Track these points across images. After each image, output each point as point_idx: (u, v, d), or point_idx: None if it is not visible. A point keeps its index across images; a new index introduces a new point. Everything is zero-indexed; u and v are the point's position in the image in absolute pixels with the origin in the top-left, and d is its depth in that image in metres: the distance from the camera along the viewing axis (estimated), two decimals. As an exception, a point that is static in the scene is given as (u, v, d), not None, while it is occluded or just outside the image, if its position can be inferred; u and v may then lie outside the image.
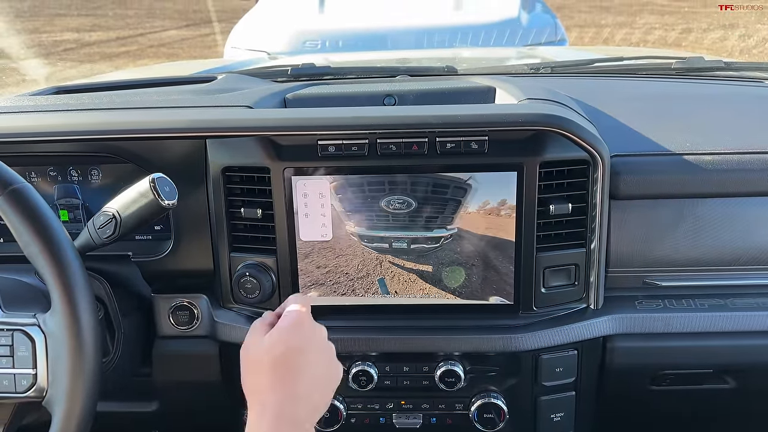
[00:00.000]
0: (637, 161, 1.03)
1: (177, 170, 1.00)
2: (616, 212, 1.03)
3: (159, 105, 1.17)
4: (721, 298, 1.07)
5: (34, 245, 0.77)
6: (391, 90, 1.27)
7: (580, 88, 1.33)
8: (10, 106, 1.19)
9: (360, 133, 0.96)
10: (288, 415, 0.72)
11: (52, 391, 0.80)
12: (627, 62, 1.64)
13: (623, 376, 1.09)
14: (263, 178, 1.00)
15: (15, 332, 0.81)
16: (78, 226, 1.11)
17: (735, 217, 1.04)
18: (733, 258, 1.05)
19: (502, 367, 1.06)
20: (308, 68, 1.53)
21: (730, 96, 1.36)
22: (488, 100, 1.26)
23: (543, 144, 0.96)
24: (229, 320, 1.07)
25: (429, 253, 1.01)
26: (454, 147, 0.95)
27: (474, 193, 0.97)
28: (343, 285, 1.03)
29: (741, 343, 1.05)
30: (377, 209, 0.99)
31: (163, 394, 1.16)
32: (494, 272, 1.01)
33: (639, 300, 1.07)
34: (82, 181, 1.12)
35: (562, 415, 1.09)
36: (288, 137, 0.99)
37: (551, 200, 0.98)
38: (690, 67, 1.48)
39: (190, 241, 1.07)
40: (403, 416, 1.09)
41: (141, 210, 0.89)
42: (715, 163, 1.02)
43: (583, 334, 1.03)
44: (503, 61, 2.03)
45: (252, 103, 1.14)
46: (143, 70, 2.76)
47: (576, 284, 1.03)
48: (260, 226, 1.03)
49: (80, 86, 1.48)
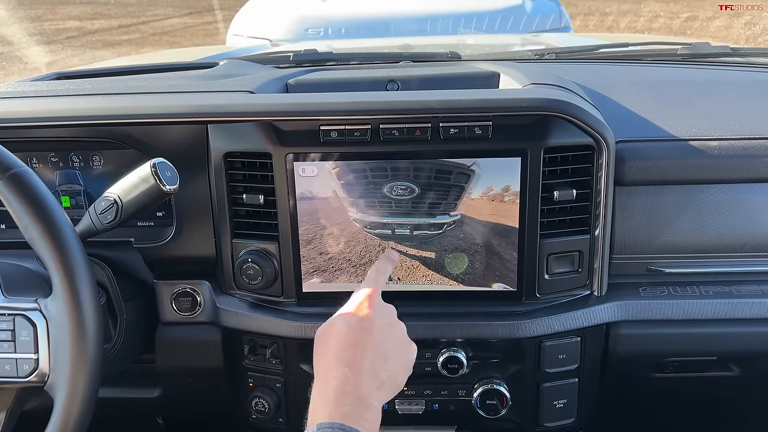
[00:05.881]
0: (643, 147, 1.02)
1: (179, 156, 0.99)
2: (621, 198, 1.03)
3: (160, 90, 1.16)
4: (726, 284, 1.06)
5: (34, 229, 0.77)
6: (394, 75, 1.26)
7: (585, 74, 1.32)
8: (11, 92, 1.18)
9: (362, 119, 0.95)
10: (351, 391, 0.71)
11: (54, 376, 0.80)
12: (632, 48, 1.62)
13: (627, 363, 1.09)
14: (265, 163, 0.99)
15: (16, 317, 0.81)
16: (80, 212, 1.10)
17: (740, 203, 1.04)
18: (739, 244, 1.05)
19: (505, 353, 1.06)
20: (310, 54, 1.52)
21: (736, 82, 1.35)
22: (492, 86, 1.25)
23: (547, 129, 0.95)
24: (232, 306, 1.06)
25: (432, 240, 1.00)
26: (458, 132, 0.94)
27: (477, 179, 0.96)
28: (345, 271, 1.02)
29: (746, 330, 1.04)
30: (380, 195, 0.98)
31: (165, 380, 1.16)
32: (497, 259, 1.00)
33: (643, 287, 1.06)
34: (83, 167, 1.11)
35: (564, 401, 1.09)
36: (290, 123, 0.98)
37: (555, 186, 0.98)
38: (696, 52, 1.46)
39: (192, 227, 1.06)
40: (406, 402, 1.09)
41: (142, 195, 0.89)
42: (721, 149, 1.01)
43: (587, 321, 1.03)
44: (507, 48, 2.01)
45: (254, 89, 1.13)
46: (145, 57, 2.75)
47: (580, 271, 1.03)
48: (262, 212, 1.02)
49: (81, 72, 1.47)
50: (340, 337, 0.76)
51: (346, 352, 0.75)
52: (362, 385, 0.72)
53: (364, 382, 0.72)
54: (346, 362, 0.73)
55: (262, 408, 1.11)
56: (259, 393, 1.11)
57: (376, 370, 0.75)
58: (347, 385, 0.71)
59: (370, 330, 0.77)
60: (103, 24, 10.66)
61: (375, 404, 0.72)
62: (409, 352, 0.83)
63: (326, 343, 0.78)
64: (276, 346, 1.08)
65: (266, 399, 1.11)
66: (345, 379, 0.72)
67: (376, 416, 0.71)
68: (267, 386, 1.11)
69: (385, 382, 0.76)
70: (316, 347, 0.80)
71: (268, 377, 1.11)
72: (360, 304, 0.81)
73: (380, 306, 0.82)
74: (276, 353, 1.08)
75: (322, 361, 0.76)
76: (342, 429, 0.66)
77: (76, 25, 10.44)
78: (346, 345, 0.75)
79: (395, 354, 0.79)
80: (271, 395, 1.11)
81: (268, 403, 1.11)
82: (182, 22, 10.71)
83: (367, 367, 0.74)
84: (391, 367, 0.77)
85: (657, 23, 8.46)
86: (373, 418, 0.70)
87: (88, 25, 10.55)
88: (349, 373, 0.72)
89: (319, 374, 0.75)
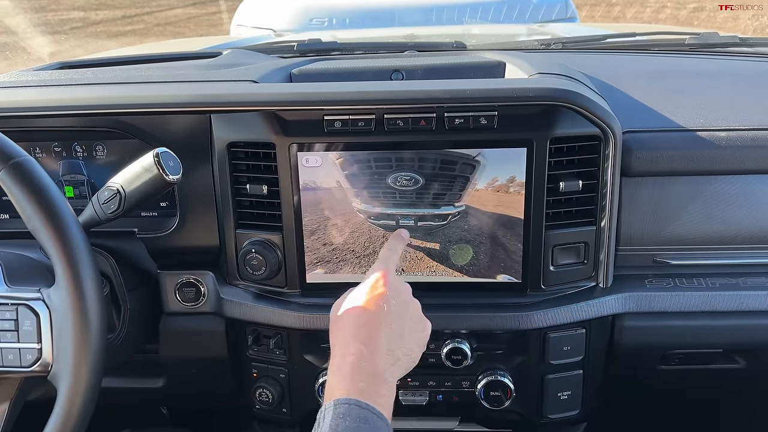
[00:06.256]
0: (650, 137, 1.01)
1: (182, 146, 0.99)
2: (628, 189, 1.02)
3: (163, 80, 1.16)
4: (733, 277, 1.05)
5: (36, 219, 0.76)
6: (398, 65, 1.25)
7: (592, 63, 1.31)
8: (14, 81, 1.18)
9: (367, 109, 0.94)
10: (367, 367, 0.72)
11: (57, 366, 0.80)
12: (640, 38, 1.60)
13: (632, 355, 1.08)
14: (269, 153, 0.99)
15: (19, 307, 0.81)
16: (83, 203, 1.10)
17: (749, 194, 1.02)
18: (746, 236, 1.04)
19: (509, 345, 1.05)
20: (314, 44, 1.51)
21: (745, 72, 1.33)
22: (498, 76, 1.24)
23: (554, 119, 0.94)
24: (236, 297, 1.06)
25: (436, 231, 0.99)
26: (463, 122, 0.93)
27: (482, 170, 0.96)
28: (349, 262, 1.02)
29: (752, 322, 1.03)
30: (384, 186, 0.97)
31: (169, 370, 1.16)
32: (502, 250, 0.99)
33: (649, 278, 1.05)
34: (87, 157, 1.11)
35: (569, 393, 1.08)
36: (293, 112, 0.97)
37: (561, 177, 0.97)
38: (704, 42, 1.45)
39: (196, 218, 1.06)
40: (409, 393, 1.09)
41: (145, 185, 0.89)
42: (729, 140, 1.00)
43: (592, 312, 1.02)
44: (513, 37, 2.00)
45: (257, 78, 1.12)
46: (148, 47, 2.74)
47: (585, 262, 1.02)
48: (266, 202, 1.02)
49: (84, 62, 1.47)
50: (355, 315, 0.78)
51: (362, 329, 0.76)
52: (378, 361, 0.73)
53: (379, 358, 0.74)
54: (361, 339, 0.74)
55: (265, 398, 1.11)
56: (262, 383, 1.11)
57: (392, 347, 0.76)
58: (362, 361, 0.72)
59: (385, 307, 0.78)
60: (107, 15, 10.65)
61: (390, 380, 0.74)
62: (424, 330, 0.83)
63: (342, 319, 0.79)
64: (280, 336, 1.07)
65: (270, 389, 1.11)
66: (360, 356, 0.73)
67: (391, 391, 0.73)
68: (271, 377, 1.11)
69: (400, 358, 0.77)
70: (332, 324, 0.81)
71: (272, 368, 1.11)
72: (375, 281, 0.81)
73: (395, 283, 0.83)
74: (280, 344, 1.08)
75: (339, 338, 0.77)
76: (358, 405, 0.67)
77: (80, 16, 10.43)
78: (362, 322, 0.76)
79: (410, 331, 0.80)
80: (274, 385, 1.11)
81: (271, 393, 1.11)
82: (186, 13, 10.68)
83: (383, 345, 0.75)
84: (407, 344, 0.78)
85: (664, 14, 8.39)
86: (388, 393, 0.72)
87: (92, 15, 10.54)
88: (364, 349, 0.73)
89: (336, 352, 0.76)
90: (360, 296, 0.80)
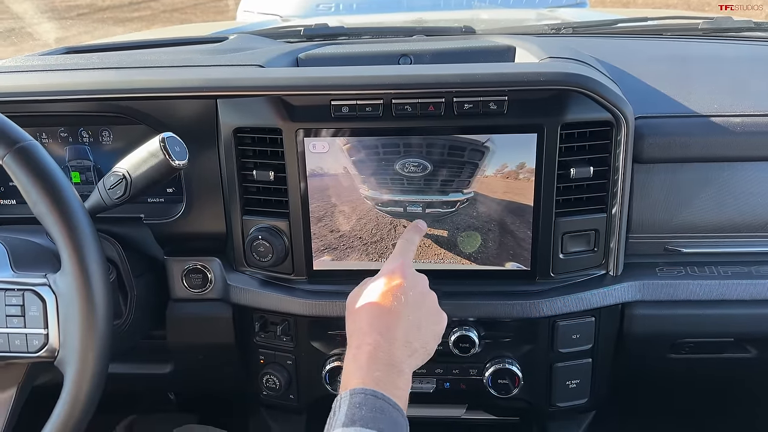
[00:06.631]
0: (663, 123, 0.99)
1: (188, 131, 0.98)
2: (639, 176, 1.00)
3: (169, 64, 1.14)
4: (745, 265, 1.04)
5: (42, 204, 0.76)
6: (406, 49, 1.23)
7: (604, 48, 1.28)
8: (20, 65, 1.17)
9: (374, 93, 0.93)
10: (383, 357, 0.72)
11: (64, 352, 0.79)
12: (652, 23, 1.57)
13: (642, 344, 1.08)
14: (275, 139, 0.98)
15: (26, 292, 0.81)
16: (90, 188, 1.09)
17: (763, 181, 1.01)
18: (760, 224, 1.02)
19: (518, 333, 1.04)
20: (321, 28, 1.49)
21: (759, 57, 1.31)
22: (507, 60, 1.22)
23: (565, 104, 0.93)
24: (242, 283, 1.06)
25: (444, 218, 0.98)
26: (472, 107, 0.92)
27: (492, 156, 0.94)
28: (356, 249, 1.01)
29: (765, 311, 1.02)
30: (392, 172, 0.96)
31: (177, 356, 1.16)
32: (511, 237, 0.98)
33: (660, 266, 1.04)
34: (93, 142, 1.10)
35: (577, 381, 1.07)
36: (300, 97, 0.96)
37: (572, 163, 0.95)
38: (718, 27, 1.42)
39: (202, 204, 1.05)
40: (417, 381, 1.08)
41: (151, 170, 0.88)
42: (744, 126, 0.98)
43: (602, 301, 1.01)
44: (522, 22, 1.96)
45: (264, 63, 1.11)
46: (154, 33, 2.73)
47: (595, 250, 1.01)
48: (273, 188, 1.01)
49: (90, 47, 1.46)
50: (373, 305, 0.77)
51: (380, 320, 0.75)
52: (395, 352, 0.73)
53: (396, 349, 0.73)
54: (378, 330, 0.74)
55: (272, 385, 1.11)
56: (269, 370, 1.11)
57: (409, 339, 0.76)
58: (379, 351, 0.72)
59: (402, 298, 0.77)
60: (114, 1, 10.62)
61: (406, 371, 0.73)
62: (440, 322, 0.83)
63: (359, 310, 0.78)
64: (287, 323, 1.07)
65: (277, 376, 1.10)
66: (377, 346, 0.73)
67: (407, 382, 0.73)
68: (278, 363, 1.11)
69: (417, 350, 0.77)
70: (348, 315, 0.81)
71: (279, 354, 1.10)
72: (392, 272, 0.81)
73: (412, 275, 0.82)
74: (287, 330, 1.08)
75: (355, 329, 0.77)
76: (374, 395, 0.67)
77: (87, 2, 10.40)
78: (380, 313, 0.76)
79: (427, 323, 0.80)
80: (281, 372, 1.11)
81: (278, 379, 1.10)
82: (193, -1, 10.64)
83: (400, 336, 0.75)
84: (423, 336, 0.78)
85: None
86: (405, 384, 0.72)
87: (98, 2, 10.51)
88: (381, 340, 0.73)
89: (352, 342, 0.76)
90: (377, 287, 0.79)
